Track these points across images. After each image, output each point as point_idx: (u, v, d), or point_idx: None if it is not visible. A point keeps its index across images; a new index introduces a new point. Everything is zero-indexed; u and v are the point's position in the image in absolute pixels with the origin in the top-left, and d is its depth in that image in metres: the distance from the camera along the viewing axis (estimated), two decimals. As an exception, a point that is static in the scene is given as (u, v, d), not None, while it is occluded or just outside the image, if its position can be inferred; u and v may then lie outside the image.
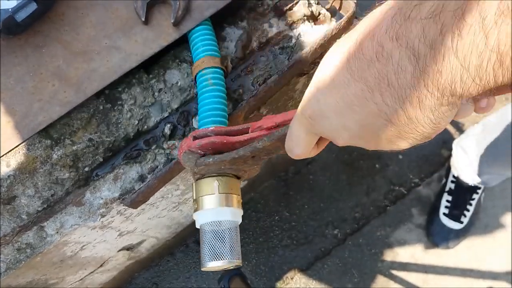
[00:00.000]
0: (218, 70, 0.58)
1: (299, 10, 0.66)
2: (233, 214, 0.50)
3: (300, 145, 0.39)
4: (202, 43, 0.59)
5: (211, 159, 0.48)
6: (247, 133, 0.50)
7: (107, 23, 0.60)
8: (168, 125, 0.61)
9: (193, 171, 0.51)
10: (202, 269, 0.49)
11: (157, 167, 0.60)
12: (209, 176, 0.50)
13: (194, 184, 0.52)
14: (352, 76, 0.30)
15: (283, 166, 1.49)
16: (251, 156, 0.48)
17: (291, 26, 0.66)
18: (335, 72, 0.31)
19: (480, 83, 0.25)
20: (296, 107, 0.38)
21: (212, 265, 0.48)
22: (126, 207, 0.64)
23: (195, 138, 0.51)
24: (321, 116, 0.34)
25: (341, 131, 0.33)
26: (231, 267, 0.49)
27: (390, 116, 0.29)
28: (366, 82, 0.29)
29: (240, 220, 0.52)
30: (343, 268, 1.46)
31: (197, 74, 0.58)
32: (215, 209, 0.49)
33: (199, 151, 0.50)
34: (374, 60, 0.28)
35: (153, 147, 0.61)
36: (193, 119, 0.62)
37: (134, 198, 0.59)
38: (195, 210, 0.51)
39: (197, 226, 0.51)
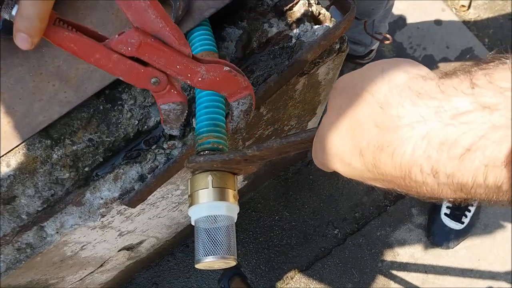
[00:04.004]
0: None
1: (299, 10, 0.66)
2: (228, 209, 0.48)
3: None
4: (199, 37, 0.59)
5: (202, 158, 0.47)
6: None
7: (107, 23, 0.60)
8: (168, 125, 0.61)
9: (186, 166, 0.50)
10: (196, 266, 0.47)
11: (157, 167, 0.60)
12: (203, 171, 0.49)
13: (189, 180, 0.51)
14: (360, 159, 0.32)
15: (283, 166, 1.49)
16: (243, 160, 0.47)
17: (291, 26, 0.66)
18: (344, 147, 0.33)
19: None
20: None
21: (206, 260, 0.46)
22: (126, 207, 0.64)
23: None
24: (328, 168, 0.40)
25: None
26: (227, 265, 0.47)
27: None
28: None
29: (236, 216, 0.50)
30: (343, 268, 1.46)
31: None
32: (209, 203, 0.47)
33: None
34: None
35: (153, 147, 0.61)
36: (193, 119, 0.62)
37: (132, 197, 0.59)
38: (190, 205, 0.49)
39: (192, 222, 0.49)
